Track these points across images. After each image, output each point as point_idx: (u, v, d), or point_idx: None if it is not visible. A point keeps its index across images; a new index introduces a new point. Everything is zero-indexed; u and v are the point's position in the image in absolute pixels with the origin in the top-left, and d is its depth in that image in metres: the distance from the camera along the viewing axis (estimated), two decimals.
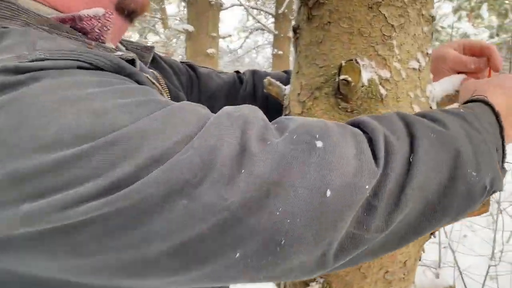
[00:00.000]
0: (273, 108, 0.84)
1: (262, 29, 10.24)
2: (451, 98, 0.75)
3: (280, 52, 9.36)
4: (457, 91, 0.74)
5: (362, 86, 0.65)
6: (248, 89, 0.96)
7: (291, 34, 0.80)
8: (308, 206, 0.39)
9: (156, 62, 0.84)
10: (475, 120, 0.51)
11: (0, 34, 0.43)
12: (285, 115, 0.79)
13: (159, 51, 8.53)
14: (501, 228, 2.38)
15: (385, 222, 0.43)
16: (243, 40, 11.57)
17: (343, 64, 0.62)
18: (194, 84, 0.95)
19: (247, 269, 0.39)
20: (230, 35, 6.75)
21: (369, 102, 0.66)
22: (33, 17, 0.48)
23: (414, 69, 0.69)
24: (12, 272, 0.38)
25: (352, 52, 0.65)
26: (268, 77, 0.83)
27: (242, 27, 11.76)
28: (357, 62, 0.62)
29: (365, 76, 0.64)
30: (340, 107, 0.67)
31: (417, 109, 0.70)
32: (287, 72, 0.97)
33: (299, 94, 0.73)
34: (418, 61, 0.69)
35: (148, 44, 0.81)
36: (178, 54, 8.74)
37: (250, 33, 11.18)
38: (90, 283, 0.38)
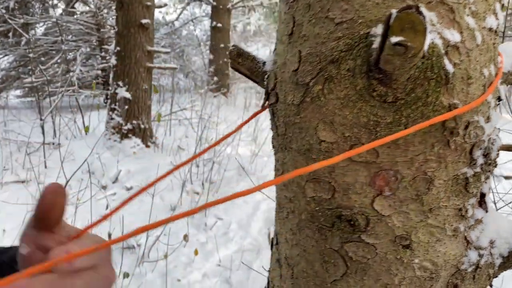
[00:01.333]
0: None
1: (200, 0, 9.69)
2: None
3: (219, 25, 8.92)
4: None
5: (423, 57, 0.37)
6: None
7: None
8: None
9: None
10: None
11: None
12: (271, 105, 0.49)
13: (89, 22, 7.78)
14: None
15: None
16: (180, 11, 10.92)
17: (394, 15, 0.33)
18: None
19: None
20: (165, 4, 6.22)
21: (425, 86, 0.38)
22: None
23: (490, 29, 0.41)
24: None
25: None
26: (236, 45, 0.52)
27: None
28: (420, 13, 0.33)
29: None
30: (375, 94, 0.39)
31: (490, 100, 0.43)
32: None
33: (295, 71, 0.43)
34: (496, 16, 0.41)
35: None
36: (109, 25, 8.03)
37: (188, 4, 10.56)
38: None
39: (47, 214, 0.41)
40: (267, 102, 0.50)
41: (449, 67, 0.38)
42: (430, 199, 0.42)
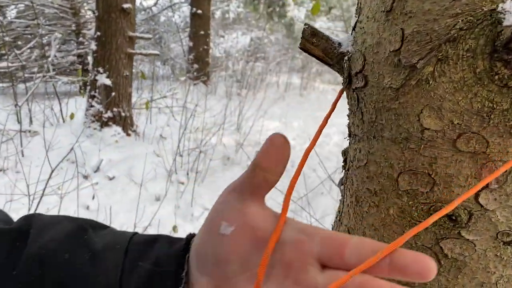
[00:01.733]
0: None
1: None
2: None
3: (199, 11, 8.76)
4: None
5: None
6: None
7: None
8: None
9: None
10: None
11: None
12: (355, 89, 0.45)
13: (66, 7, 7.50)
14: None
15: None
16: None
17: None
18: None
19: None
20: None
21: None
22: None
23: None
24: None
25: None
26: (309, 24, 0.47)
27: None
28: None
29: None
30: (496, 77, 0.35)
31: None
32: None
33: (397, 51, 0.39)
34: None
35: None
36: (86, 9, 7.78)
37: None
38: None
39: (268, 171, 0.36)
40: (349, 87, 0.45)
41: None
42: None
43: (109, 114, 4.87)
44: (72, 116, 4.93)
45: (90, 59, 5.06)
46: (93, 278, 0.39)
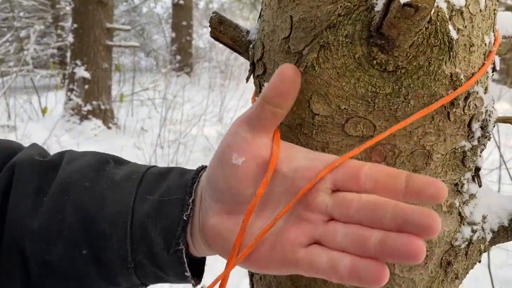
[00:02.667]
0: None
1: None
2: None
3: (181, 2, 8.68)
4: None
5: (428, 22, 0.34)
6: None
7: None
8: None
9: None
10: None
11: None
12: (257, 76, 0.45)
13: None
14: None
15: None
16: None
17: None
18: None
19: None
20: None
21: (428, 54, 0.35)
22: None
23: None
24: None
25: None
26: (217, 12, 0.47)
27: None
28: None
29: None
30: (375, 62, 0.36)
31: (489, 69, 0.41)
32: None
33: (286, 38, 0.40)
34: None
35: None
36: (64, 1, 7.65)
37: None
38: None
39: (276, 106, 0.37)
40: (253, 74, 0.46)
41: (453, 33, 0.36)
42: (428, 173, 0.40)
43: (88, 107, 4.82)
44: (45, 110, 4.87)
45: (68, 51, 4.99)
46: (108, 203, 0.42)
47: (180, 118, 4.94)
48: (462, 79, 0.38)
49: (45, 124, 4.81)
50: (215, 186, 0.39)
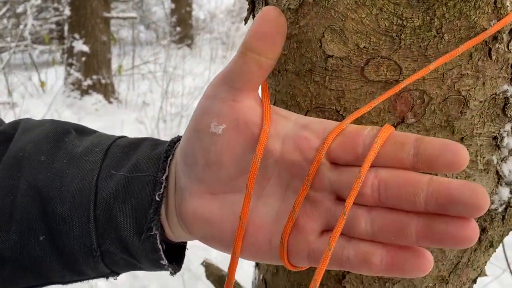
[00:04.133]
0: None
1: None
2: None
3: None
4: None
5: None
6: None
7: None
8: None
9: None
10: None
11: None
12: None
13: None
14: None
15: None
16: None
17: None
18: None
19: None
20: None
21: None
22: None
23: None
24: None
25: None
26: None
27: None
28: None
29: None
30: None
31: None
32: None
33: None
34: None
35: None
36: None
37: None
38: None
39: (261, 53, 0.30)
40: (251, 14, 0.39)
41: None
42: (463, 125, 0.34)
43: (88, 81, 4.75)
44: (42, 85, 4.79)
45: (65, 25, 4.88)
46: (68, 181, 0.36)
47: (182, 91, 4.86)
48: (508, 6, 0.31)
49: (45, 100, 4.75)
50: (192, 162, 0.33)
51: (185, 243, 0.41)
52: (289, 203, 0.31)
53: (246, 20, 0.40)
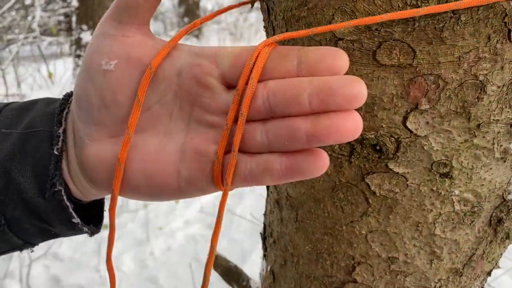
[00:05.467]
0: None
1: None
2: None
3: None
4: None
5: None
6: None
7: None
8: None
9: None
10: None
11: None
12: (264, 0, 0.37)
13: None
14: None
15: None
16: None
17: None
18: None
19: None
20: None
21: None
22: None
23: None
24: None
25: None
26: None
27: None
28: None
29: None
30: None
31: None
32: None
33: None
34: None
35: None
36: None
37: None
38: None
39: None
40: None
41: None
42: (479, 112, 0.32)
43: None
44: (50, 75, 4.81)
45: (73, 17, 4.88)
46: None
47: None
48: None
49: (55, 92, 4.77)
50: (86, 104, 0.32)
51: (100, 204, 0.39)
52: (193, 134, 0.31)
53: (252, 3, 0.38)
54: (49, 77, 4.88)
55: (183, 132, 0.32)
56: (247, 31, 8.86)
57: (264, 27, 0.40)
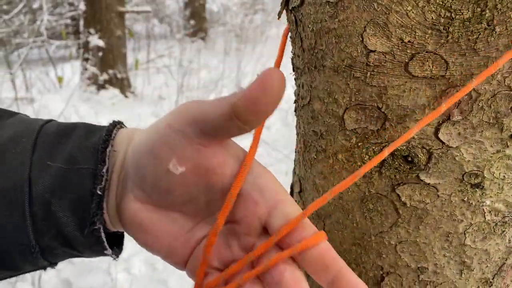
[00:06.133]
0: None
1: None
2: None
3: None
4: None
5: None
6: None
7: None
8: None
9: None
10: None
11: None
12: (292, 10, 0.37)
13: None
14: None
15: None
16: None
17: None
18: None
19: None
20: None
21: None
22: None
23: None
24: None
25: None
26: None
27: None
28: None
29: None
30: None
31: None
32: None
33: None
34: None
35: None
36: None
37: None
38: None
39: (247, 123, 0.28)
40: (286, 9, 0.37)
41: None
42: None
43: (104, 76, 4.77)
44: (60, 80, 4.84)
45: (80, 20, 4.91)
46: None
47: (197, 84, 4.86)
48: None
49: (63, 95, 4.80)
50: (141, 177, 0.32)
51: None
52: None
53: (279, 14, 0.38)
54: (58, 81, 4.90)
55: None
56: (253, 33, 8.86)
57: (290, 37, 0.40)
